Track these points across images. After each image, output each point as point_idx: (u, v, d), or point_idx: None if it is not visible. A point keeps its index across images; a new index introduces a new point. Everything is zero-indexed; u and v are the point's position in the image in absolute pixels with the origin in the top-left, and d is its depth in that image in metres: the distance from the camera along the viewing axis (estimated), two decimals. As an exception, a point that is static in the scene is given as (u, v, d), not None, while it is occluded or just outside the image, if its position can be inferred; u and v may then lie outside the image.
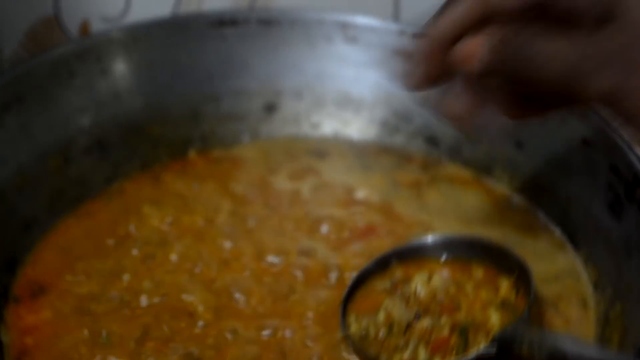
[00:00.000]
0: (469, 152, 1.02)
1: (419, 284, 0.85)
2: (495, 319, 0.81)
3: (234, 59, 1.05)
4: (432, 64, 0.75)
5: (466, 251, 0.88)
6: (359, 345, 0.80)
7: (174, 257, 0.90)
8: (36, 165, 0.94)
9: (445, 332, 0.80)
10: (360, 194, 0.99)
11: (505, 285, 0.85)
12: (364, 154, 1.04)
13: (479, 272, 0.86)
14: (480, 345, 0.79)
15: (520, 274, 0.84)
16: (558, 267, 0.90)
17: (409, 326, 0.81)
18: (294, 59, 1.06)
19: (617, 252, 0.86)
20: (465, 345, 0.79)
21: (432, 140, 1.04)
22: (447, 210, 0.97)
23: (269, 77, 1.06)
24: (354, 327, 0.82)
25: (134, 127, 1.01)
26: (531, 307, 0.81)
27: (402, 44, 1.03)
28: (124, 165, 1.00)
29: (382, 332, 0.81)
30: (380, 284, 0.86)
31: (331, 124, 1.06)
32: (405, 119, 1.05)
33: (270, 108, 1.06)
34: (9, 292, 0.86)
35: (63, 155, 0.97)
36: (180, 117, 1.03)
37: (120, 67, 1.01)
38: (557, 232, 0.94)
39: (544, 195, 0.96)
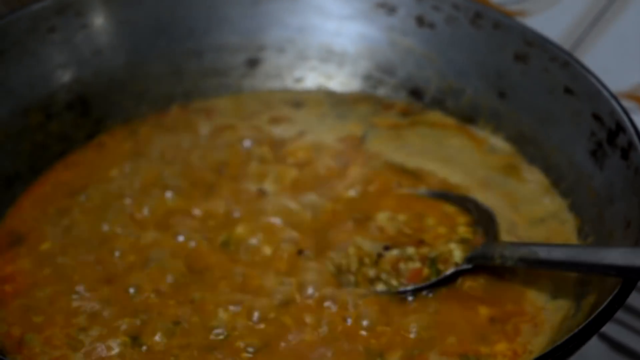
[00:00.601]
0: (453, 103, 1.01)
1: (384, 220, 0.86)
2: (458, 253, 0.84)
3: (215, 13, 1.04)
4: None
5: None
6: None
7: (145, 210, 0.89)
8: (17, 121, 0.94)
9: (417, 263, 0.81)
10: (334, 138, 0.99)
11: (462, 222, 0.86)
12: (342, 102, 1.03)
13: (439, 210, 0.87)
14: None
15: (481, 217, 0.85)
16: (544, 210, 0.90)
17: (379, 257, 0.83)
18: (276, 12, 1.05)
19: (599, 199, 0.86)
20: (437, 274, 0.81)
21: (415, 93, 1.03)
22: (427, 151, 0.97)
23: (250, 32, 1.05)
24: (328, 263, 0.83)
25: (116, 83, 1.01)
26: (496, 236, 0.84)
27: (384, -4, 1.03)
28: (106, 121, 0.99)
29: (353, 265, 0.82)
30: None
31: (314, 78, 1.06)
32: (388, 72, 1.04)
33: (253, 63, 1.05)
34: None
35: (44, 111, 0.96)
36: (162, 72, 1.03)
37: (100, 23, 1.01)
38: (542, 178, 0.93)
39: (527, 144, 0.96)
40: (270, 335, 0.78)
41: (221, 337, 0.78)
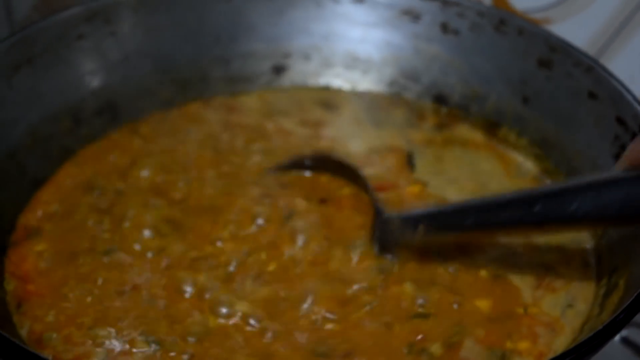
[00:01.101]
0: (477, 109, 1.02)
1: None
2: None
3: (241, 21, 1.06)
4: None
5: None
6: None
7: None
8: (47, 126, 0.95)
9: None
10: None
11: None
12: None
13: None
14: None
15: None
16: None
17: None
18: (302, 20, 1.06)
19: (623, 201, 0.86)
20: None
21: (440, 99, 1.04)
22: (463, 178, 0.97)
23: (276, 39, 1.06)
24: None
25: (144, 89, 1.02)
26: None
27: (409, 3, 1.04)
28: (136, 126, 1.01)
29: None
30: None
31: (339, 85, 1.07)
32: (413, 79, 1.05)
33: (279, 70, 1.07)
34: (15, 236, 0.88)
35: (73, 116, 0.98)
36: (188, 79, 1.04)
37: (128, 29, 1.02)
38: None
39: (551, 149, 0.96)
40: None
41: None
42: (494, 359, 0.78)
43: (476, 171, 0.98)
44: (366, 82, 1.06)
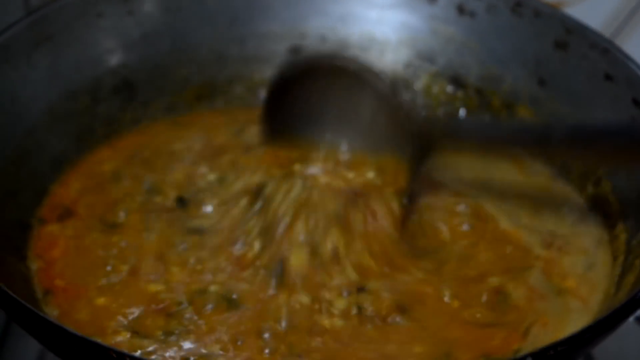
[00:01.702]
0: (493, 91, 1.02)
1: None
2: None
3: (258, 2, 1.06)
4: None
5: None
6: None
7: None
8: (65, 104, 0.96)
9: None
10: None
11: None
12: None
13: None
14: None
15: None
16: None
17: None
18: (318, 1, 1.07)
19: (639, 182, 0.87)
20: None
21: (456, 81, 1.05)
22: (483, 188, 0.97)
23: (293, 20, 1.07)
24: None
25: (161, 68, 1.03)
26: None
27: (425, -15, 1.04)
28: (152, 105, 1.01)
29: None
30: None
31: (355, 66, 1.07)
32: (429, 60, 1.05)
33: (295, 50, 1.07)
34: (34, 217, 0.89)
35: (91, 94, 0.98)
36: (205, 58, 1.05)
37: (147, 9, 1.02)
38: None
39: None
40: None
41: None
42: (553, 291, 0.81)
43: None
44: (382, 64, 1.06)
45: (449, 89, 1.05)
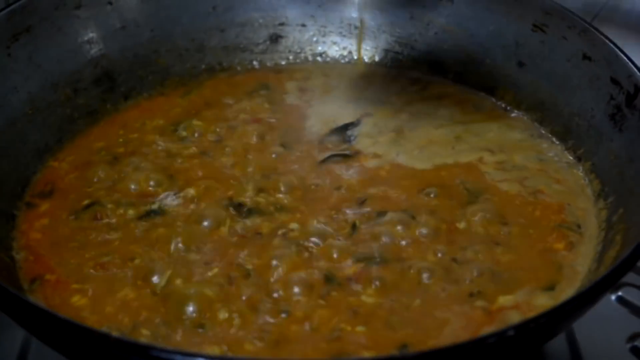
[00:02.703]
0: (473, 74, 1.03)
1: None
2: None
3: (237, -10, 1.06)
4: None
5: None
6: None
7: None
8: (46, 95, 0.96)
9: None
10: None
11: None
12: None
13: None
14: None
15: None
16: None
17: None
18: (297, -12, 1.07)
19: (619, 159, 0.87)
20: None
21: (436, 65, 1.05)
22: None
23: (272, 8, 1.07)
24: None
25: (141, 58, 1.03)
26: None
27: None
28: (132, 96, 1.01)
29: None
30: None
31: (336, 52, 1.07)
32: (408, 46, 1.06)
33: (275, 38, 1.07)
34: (21, 203, 0.89)
35: (72, 85, 0.98)
36: (186, 48, 1.05)
37: (126, -1, 1.02)
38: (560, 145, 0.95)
39: (547, 111, 0.97)
40: None
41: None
42: None
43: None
44: (362, 50, 1.07)
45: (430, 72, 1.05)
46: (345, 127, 0.96)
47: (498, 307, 0.78)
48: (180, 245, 0.84)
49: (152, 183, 0.90)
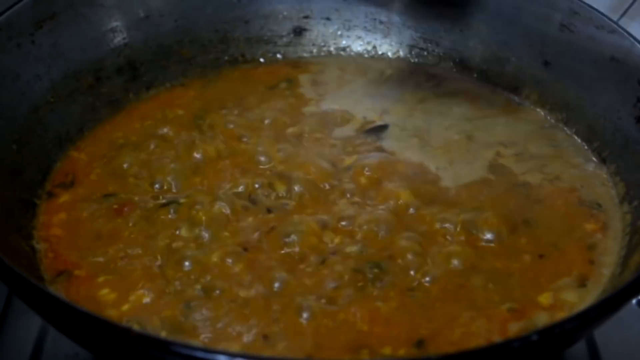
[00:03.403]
0: (498, 73, 1.02)
1: None
2: None
3: (262, -18, 1.06)
4: None
5: None
6: None
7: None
8: (69, 83, 0.96)
9: None
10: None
11: None
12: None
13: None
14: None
15: None
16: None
17: None
18: (323, -18, 1.07)
19: (646, 163, 0.87)
20: None
21: (461, 63, 1.04)
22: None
23: (297, 1, 1.07)
24: None
25: (164, 48, 1.02)
26: None
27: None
28: (155, 85, 1.01)
29: None
30: None
31: (360, 47, 1.07)
32: (434, 42, 1.05)
33: (299, 31, 1.07)
34: (42, 192, 0.88)
35: (95, 74, 0.98)
36: (209, 39, 1.04)
37: (150, -12, 1.02)
38: (584, 147, 0.94)
39: (572, 112, 0.96)
40: None
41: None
42: None
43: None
44: (386, 45, 1.06)
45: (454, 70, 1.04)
46: (376, 130, 0.96)
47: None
48: (204, 233, 0.83)
49: (172, 175, 0.89)
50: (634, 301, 0.92)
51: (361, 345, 0.74)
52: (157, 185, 0.89)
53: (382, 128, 0.96)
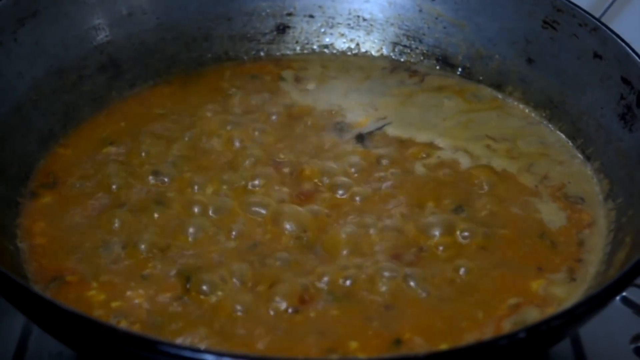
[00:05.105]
0: (482, 70, 1.02)
1: None
2: None
3: (245, -22, 1.05)
4: None
5: None
6: None
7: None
8: (51, 80, 0.95)
9: None
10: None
11: None
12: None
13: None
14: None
15: None
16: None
17: None
18: (305, -21, 1.06)
19: (628, 161, 0.87)
20: None
21: (444, 60, 1.04)
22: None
23: (280, -2, 1.07)
24: None
25: (147, 46, 1.02)
26: None
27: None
28: (138, 83, 1.00)
29: None
30: None
31: (343, 44, 1.07)
32: (416, 39, 1.05)
33: (282, 29, 1.06)
34: (25, 191, 0.88)
35: (77, 72, 0.97)
36: (192, 36, 1.04)
37: (133, -14, 1.02)
38: (570, 143, 0.95)
39: (555, 109, 0.97)
40: None
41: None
42: None
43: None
44: (369, 43, 1.06)
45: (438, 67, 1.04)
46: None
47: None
48: (191, 230, 0.83)
49: (157, 173, 0.89)
50: (618, 298, 0.93)
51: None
52: (147, 180, 0.88)
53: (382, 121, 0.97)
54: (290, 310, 0.77)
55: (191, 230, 0.84)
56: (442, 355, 0.64)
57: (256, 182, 0.89)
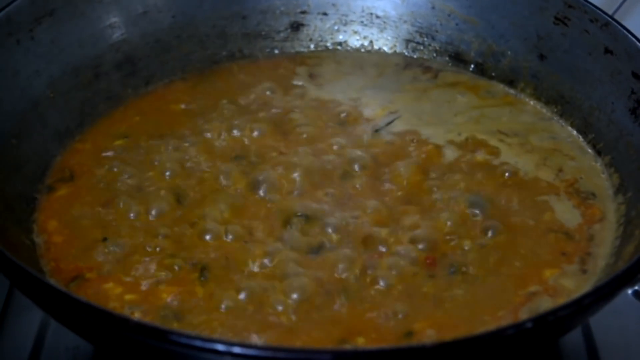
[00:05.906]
0: (494, 66, 1.03)
1: None
2: None
3: (260, -23, 1.06)
4: None
5: None
6: None
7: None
8: (67, 78, 0.96)
9: None
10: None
11: None
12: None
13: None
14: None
15: None
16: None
17: None
18: (319, -23, 1.07)
19: (639, 155, 0.87)
20: None
21: (457, 57, 1.05)
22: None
23: (294, -4, 1.07)
24: None
25: (162, 44, 1.03)
26: None
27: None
28: (153, 81, 1.02)
29: None
30: None
31: (357, 42, 1.07)
32: (429, 36, 1.06)
33: (296, 26, 1.07)
34: (42, 187, 0.89)
35: (93, 70, 0.98)
36: (207, 34, 1.05)
37: (148, -16, 1.03)
38: (580, 138, 0.95)
39: (567, 104, 0.97)
40: None
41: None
42: None
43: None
44: (382, 40, 1.07)
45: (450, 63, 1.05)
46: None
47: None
48: (208, 226, 0.84)
49: (169, 172, 0.90)
50: (630, 292, 0.93)
51: None
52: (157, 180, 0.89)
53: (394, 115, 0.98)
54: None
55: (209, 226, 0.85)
56: (450, 345, 0.65)
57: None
